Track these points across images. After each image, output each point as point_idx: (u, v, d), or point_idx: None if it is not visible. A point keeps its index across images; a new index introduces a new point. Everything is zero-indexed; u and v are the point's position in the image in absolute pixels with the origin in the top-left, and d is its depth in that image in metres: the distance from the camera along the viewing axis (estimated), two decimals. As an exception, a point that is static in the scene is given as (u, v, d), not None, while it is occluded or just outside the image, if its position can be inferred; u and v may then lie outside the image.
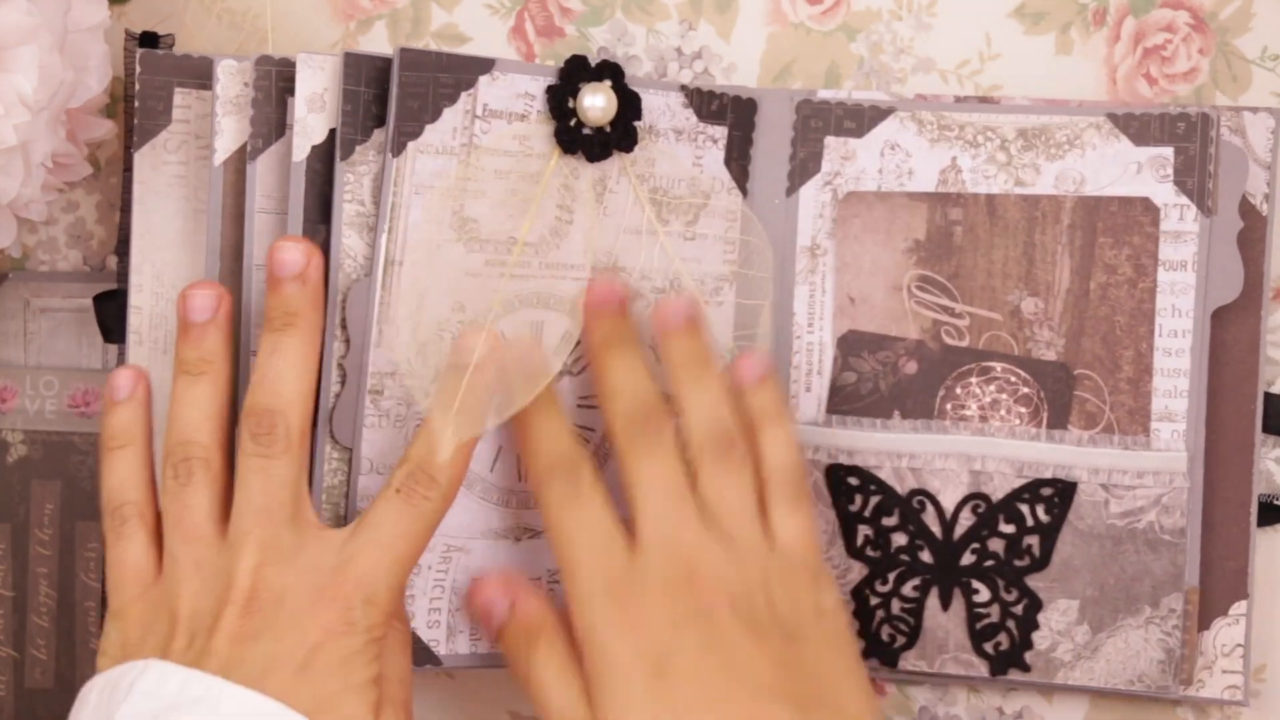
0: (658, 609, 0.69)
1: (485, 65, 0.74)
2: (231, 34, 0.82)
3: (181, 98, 0.76)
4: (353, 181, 0.73)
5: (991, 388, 0.78)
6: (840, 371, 0.79)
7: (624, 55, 0.81)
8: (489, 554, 0.76)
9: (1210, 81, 0.80)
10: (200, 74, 0.76)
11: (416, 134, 0.73)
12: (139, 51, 0.76)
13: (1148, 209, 0.77)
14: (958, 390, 0.78)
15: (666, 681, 0.67)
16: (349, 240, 0.73)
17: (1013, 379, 0.78)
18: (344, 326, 0.73)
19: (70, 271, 0.82)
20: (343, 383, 0.73)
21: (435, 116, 0.73)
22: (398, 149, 0.72)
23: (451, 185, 0.73)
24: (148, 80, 0.76)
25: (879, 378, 0.79)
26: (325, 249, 0.73)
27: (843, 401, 0.79)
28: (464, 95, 0.73)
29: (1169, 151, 0.76)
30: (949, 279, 0.78)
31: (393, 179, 0.72)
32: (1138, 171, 0.77)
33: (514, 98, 0.74)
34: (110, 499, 0.71)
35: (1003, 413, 0.78)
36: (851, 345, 0.79)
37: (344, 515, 0.74)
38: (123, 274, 0.77)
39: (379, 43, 0.81)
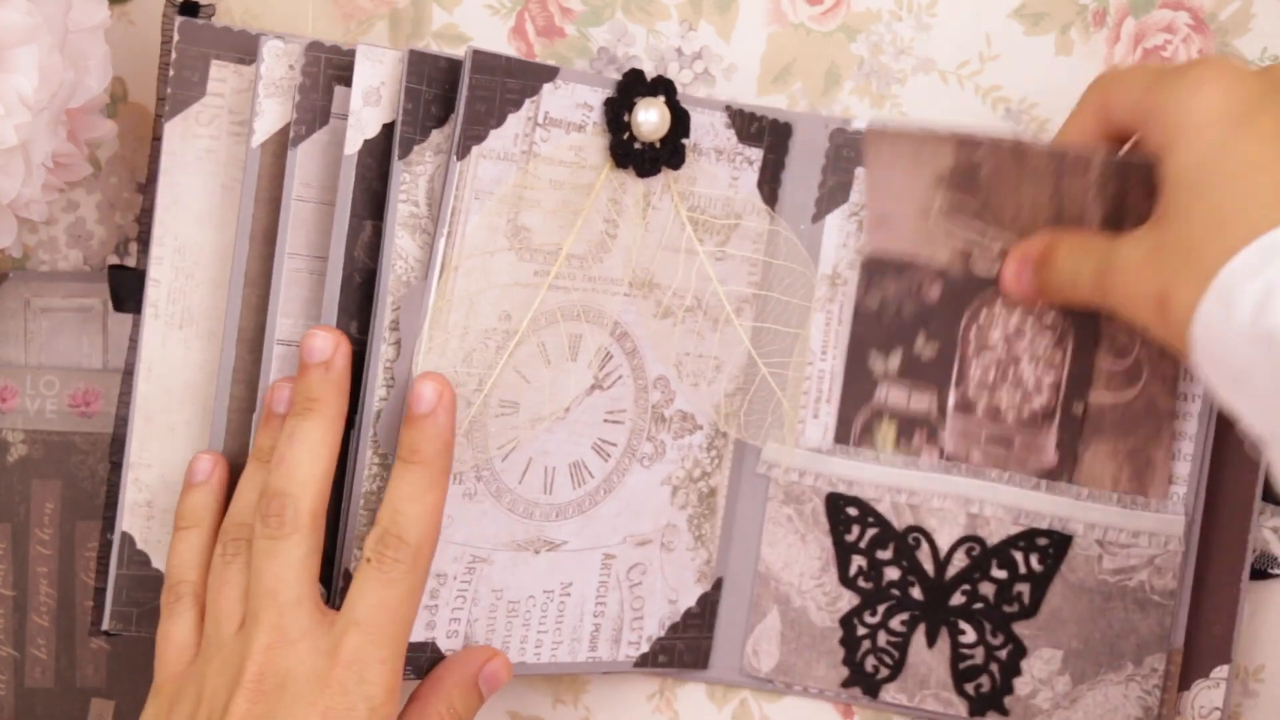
0: (1248, 79, 0.65)
1: (550, 73, 0.73)
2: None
3: (218, 70, 0.75)
4: (408, 181, 0.71)
5: (1015, 316, 0.78)
6: (864, 295, 0.79)
7: (624, 55, 0.81)
8: (510, 565, 0.76)
9: (1210, 82, 0.80)
10: (239, 48, 0.75)
11: (481, 138, 0.71)
12: (179, 20, 0.74)
13: None
14: (981, 316, 0.78)
15: (1248, 132, 0.64)
16: (401, 241, 0.72)
17: (1041, 314, 0.78)
18: (394, 328, 0.72)
19: (71, 271, 0.82)
20: (389, 389, 0.72)
21: (500, 122, 0.72)
22: (462, 152, 0.71)
23: (509, 192, 0.72)
24: (185, 50, 0.74)
25: (902, 302, 0.78)
26: (372, 246, 0.73)
27: (866, 328, 0.79)
28: (528, 102, 0.72)
29: None
30: (979, 210, 0.77)
31: (455, 183, 0.71)
32: None
33: (573, 108, 0.73)
34: (170, 576, 0.72)
35: (1028, 339, 0.77)
36: (876, 269, 0.78)
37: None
38: (144, 245, 0.76)
39: (379, 43, 0.80)
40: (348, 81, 0.73)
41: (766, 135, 0.78)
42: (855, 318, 0.79)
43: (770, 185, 0.79)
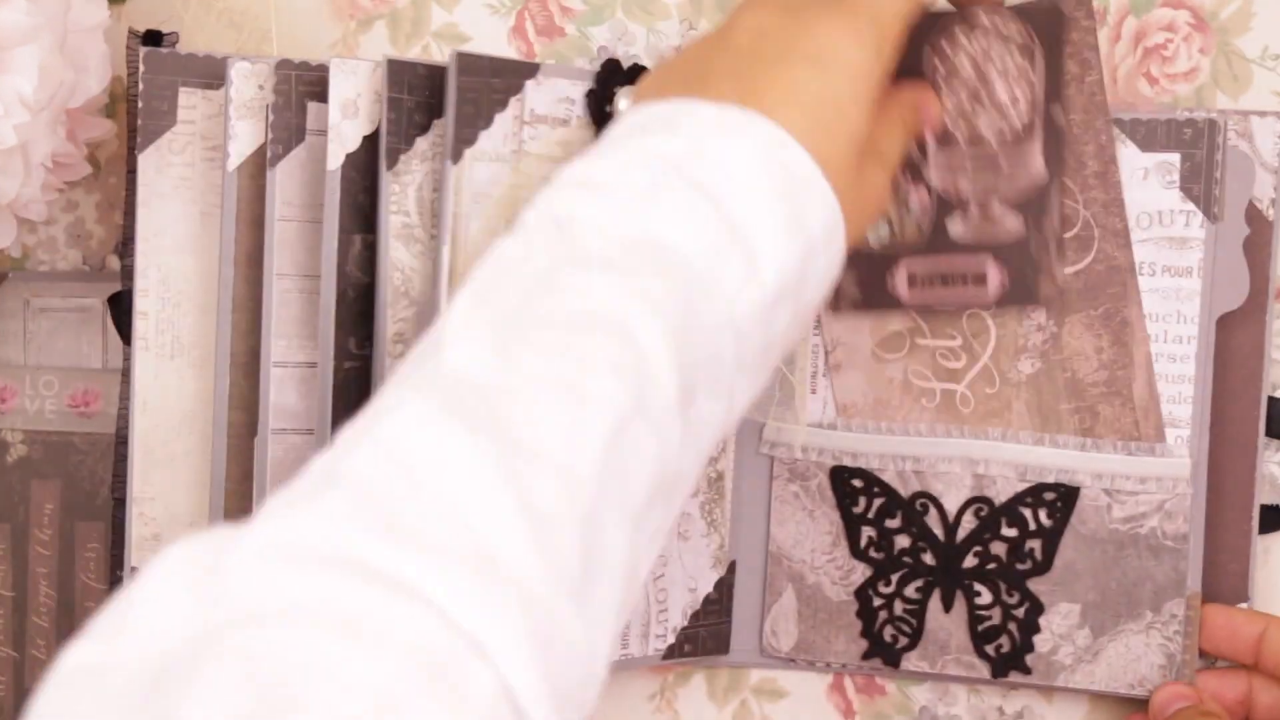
0: None
1: (531, 70, 0.73)
2: (232, 33, 0.81)
3: (186, 98, 0.75)
4: (398, 192, 0.71)
5: (979, 38, 0.74)
6: None
7: (624, 55, 0.81)
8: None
9: (1211, 81, 0.79)
10: (206, 74, 0.75)
11: (472, 140, 0.71)
12: (143, 50, 0.74)
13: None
14: (944, 45, 0.74)
15: None
16: (396, 253, 0.71)
17: (1002, 28, 0.74)
18: (398, 341, 0.71)
19: (70, 271, 0.82)
20: None
21: (489, 123, 0.71)
22: (456, 156, 0.71)
23: (505, 193, 0.72)
24: (151, 80, 0.74)
25: None
26: (363, 260, 0.72)
27: None
28: (513, 100, 0.72)
29: (1175, 157, 0.76)
30: None
31: (452, 188, 0.71)
32: (1144, 177, 0.76)
33: (556, 102, 0.73)
34: None
35: (996, 57, 0.74)
36: None
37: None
38: (127, 276, 0.76)
39: (379, 43, 0.81)
40: (320, 97, 0.73)
41: None
42: None
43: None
